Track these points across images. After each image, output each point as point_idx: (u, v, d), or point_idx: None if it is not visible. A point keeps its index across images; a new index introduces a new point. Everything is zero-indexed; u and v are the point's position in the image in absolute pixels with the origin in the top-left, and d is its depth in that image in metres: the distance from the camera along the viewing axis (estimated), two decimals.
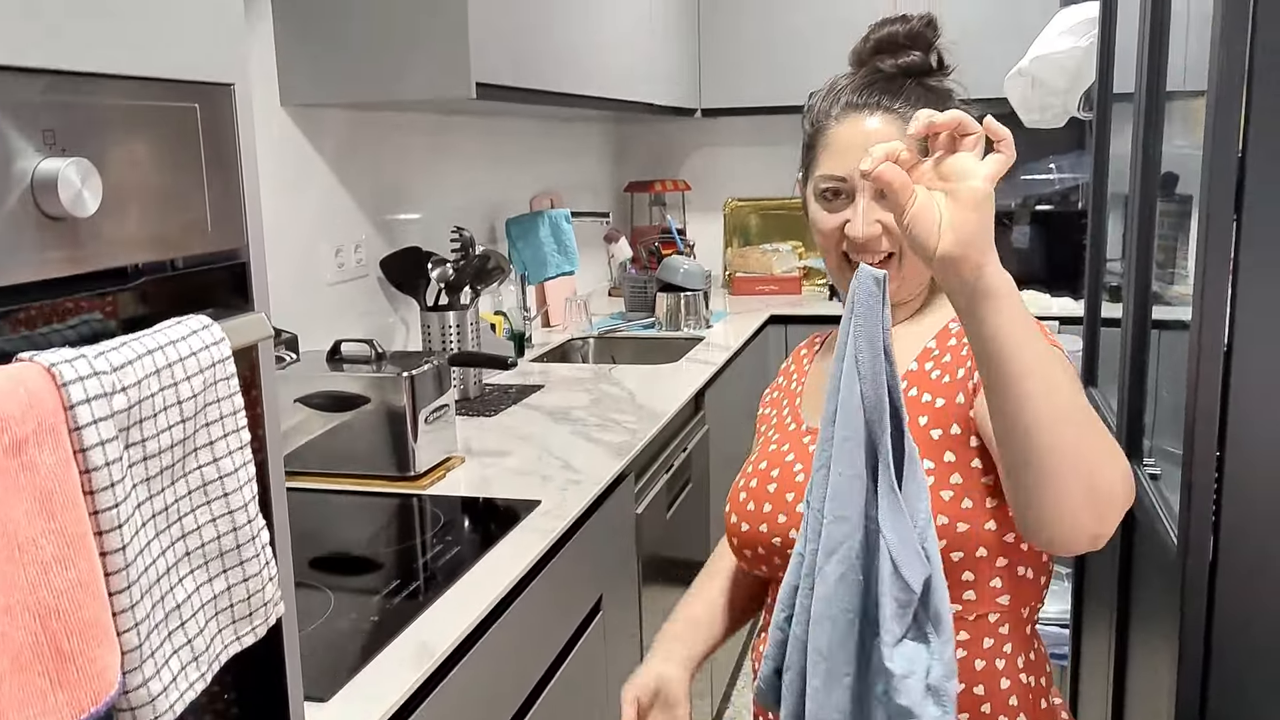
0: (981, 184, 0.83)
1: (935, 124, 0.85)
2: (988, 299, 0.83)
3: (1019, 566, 1.07)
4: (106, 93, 0.76)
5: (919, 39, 1.17)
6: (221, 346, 0.79)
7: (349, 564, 1.54)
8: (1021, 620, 1.10)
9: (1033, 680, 1.11)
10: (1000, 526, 1.05)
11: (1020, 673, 1.09)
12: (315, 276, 2.25)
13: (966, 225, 0.83)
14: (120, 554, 0.68)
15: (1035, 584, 1.10)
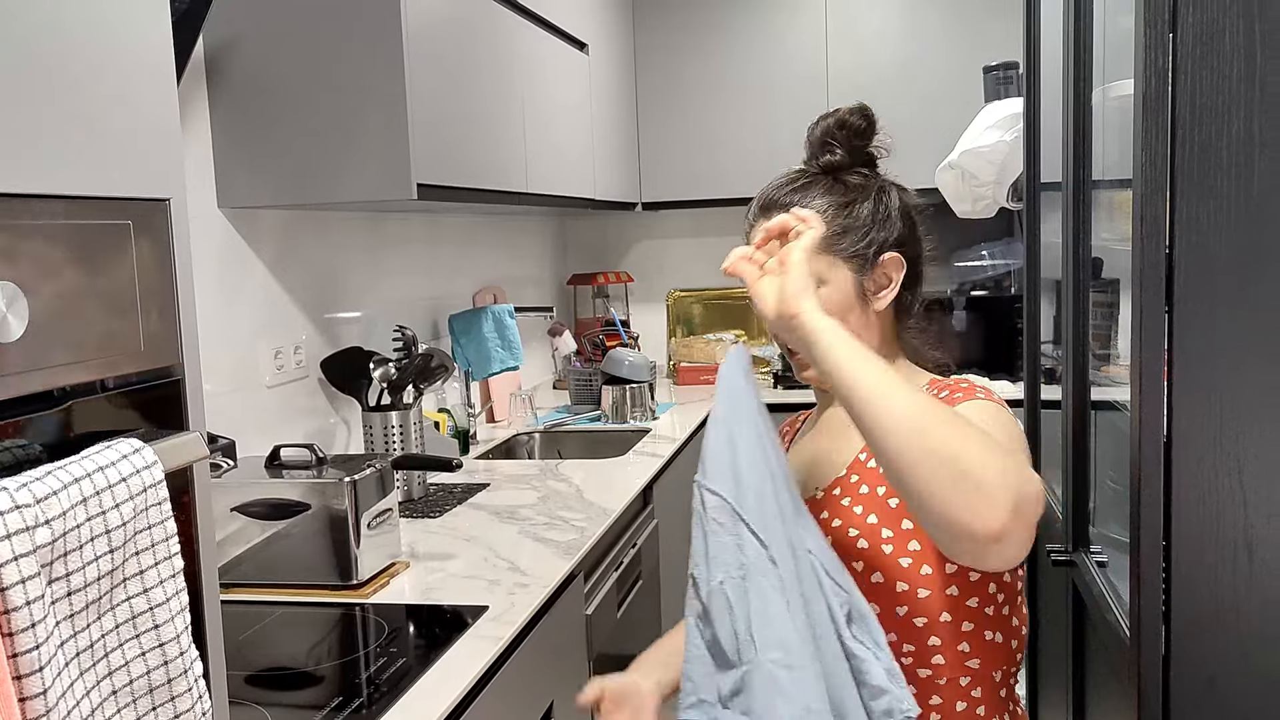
0: (788, 255, 1.04)
1: (769, 230, 1.10)
2: (816, 341, 1.00)
3: (985, 631, 1.11)
4: (34, 213, 0.74)
5: (846, 129, 1.25)
6: (153, 470, 0.76)
7: (288, 680, 1.48)
8: (994, 684, 1.12)
9: None
10: (962, 592, 1.09)
11: None
12: (254, 379, 2.21)
13: (783, 290, 1.03)
14: (41, 699, 0.64)
15: (1005, 647, 1.13)
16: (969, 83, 3.47)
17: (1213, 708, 1.16)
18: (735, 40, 3.75)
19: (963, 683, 1.10)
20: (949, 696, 1.10)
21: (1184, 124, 1.06)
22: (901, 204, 1.25)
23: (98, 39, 0.81)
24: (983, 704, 1.11)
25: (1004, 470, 0.88)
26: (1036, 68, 2.25)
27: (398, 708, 1.35)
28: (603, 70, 3.47)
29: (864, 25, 3.66)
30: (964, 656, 1.10)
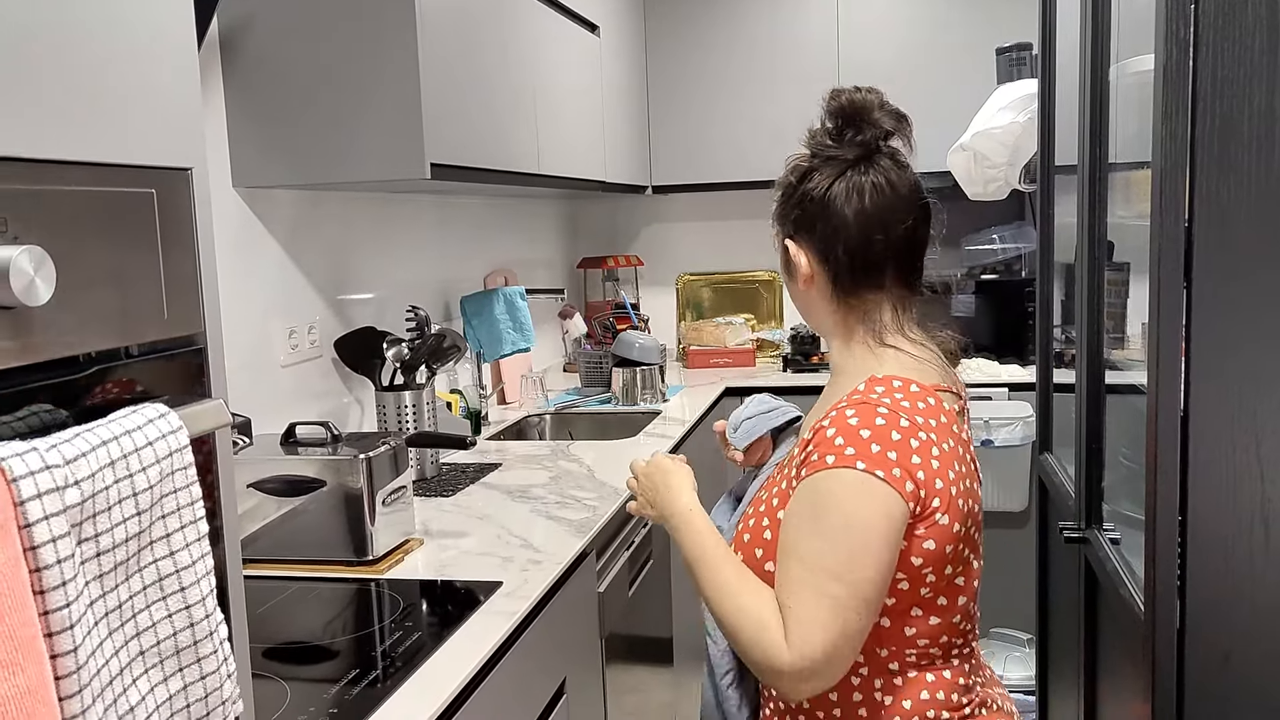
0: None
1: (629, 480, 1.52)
2: (674, 537, 1.34)
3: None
4: (61, 179, 0.75)
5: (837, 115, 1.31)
6: (179, 435, 0.76)
7: (305, 653, 1.49)
8: (890, 664, 1.22)
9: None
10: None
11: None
12: (269, 358, 2.22)
13: (652, 502, 1.44)
14: (71, 656, 0.65)
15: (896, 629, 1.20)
16: (981, 64, 3.46)
17: (1228, 683, 1.17)
18: (746, 22, 3.74)
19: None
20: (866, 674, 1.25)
21: (1205, 97, 1.06)
22: (809, 190, 1.27)
23: (122, 11, 0.81)
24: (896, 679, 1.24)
25: (761, 658, 1.15)
26: (1052, 47, 2.24)
27: (412, 681, 1.36)
28: (614, 53, 3.46)
29: (876, 6, 3.64)
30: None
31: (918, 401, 1.18)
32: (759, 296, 4.23)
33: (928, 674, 1.21)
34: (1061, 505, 2.01)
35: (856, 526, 1.11)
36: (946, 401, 1.22)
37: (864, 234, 1.25)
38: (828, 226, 1.25)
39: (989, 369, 3.48)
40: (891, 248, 1.27)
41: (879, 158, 1.27)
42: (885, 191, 1.25)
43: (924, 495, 1.14)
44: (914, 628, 1.20)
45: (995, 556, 3.43)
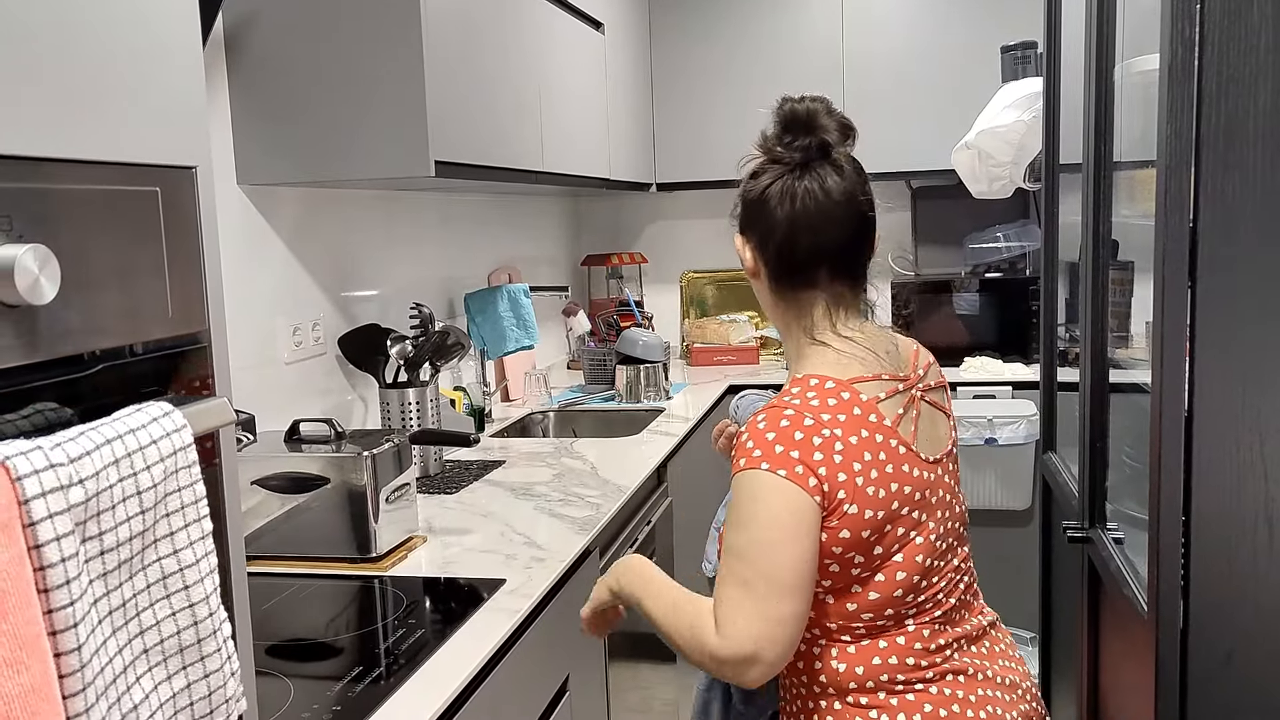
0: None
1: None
2: (630, 593, 1.41)
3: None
4: (65, 177, 0.75)
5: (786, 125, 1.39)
6: (183, 434, 0.77)
7: (308, 650, 1.50)
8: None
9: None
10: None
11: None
12: (272, 355, 2.22)
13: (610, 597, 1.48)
14: (75, 654, 0.65)
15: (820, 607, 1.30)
16: (986, 63, 3.46)
17: (1230, 683, 1.17)
18: (751, 20, 3.74)
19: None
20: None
21: (1210, 95, 1.06)
22: (750, 189, 1.37)
23: (126, 9, 0.81)
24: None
25: (699, 651, 1.24)
26: (1057, 46, 2.23)
27: (416, 679, 1.36)
28: (618, 50, 3.46)
29: (880, 4, 3.63)
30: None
31: (828, 398, 1.27)
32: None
33: (880, 640, 1.29)
34: (1065, 504, 2.01)
35: (764, 521, 1.21)
36: (867, 391, 1.29)
37: (793, 235, 1.33)
38: (764, 225, 1.35)
39: (993, 367, 3.47)
40: (822, 250, 1.34)
41: (819, 164, 1.34)
42: (818, 196, 1.32)
43: (828, 489, 1.23)
44: (854, 603, 1.28)
45: (999, 554, 3.44)
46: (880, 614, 1.28)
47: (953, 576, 1.35)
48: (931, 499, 1.32)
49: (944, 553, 1.33)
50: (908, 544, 1.29)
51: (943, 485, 1.34)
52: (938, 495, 1.33)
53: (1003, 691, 1.34)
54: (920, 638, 1.30)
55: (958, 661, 1.33)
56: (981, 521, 3.47)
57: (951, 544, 1.35)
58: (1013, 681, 1.37)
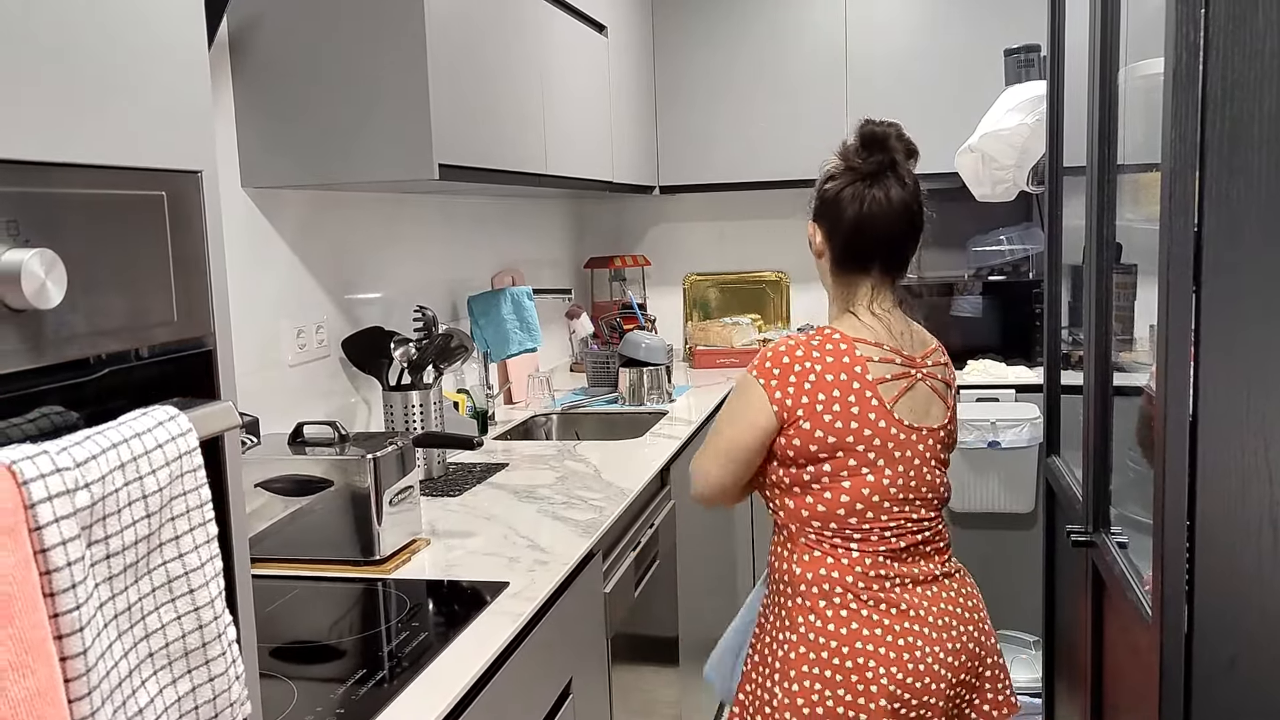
0: None
1: None
2: None
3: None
4: (72, 182, 0.75)
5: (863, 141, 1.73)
6: (188, 438, 0.77)
7: (312, 653, 1.50)
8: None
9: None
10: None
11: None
12: (276, 358, 2.23)
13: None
14: (81, 659, 0.65)
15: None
16: (989, 66, 3.46)
17: (1235, 688, 1.16)
18: (754, 24, 3.74)
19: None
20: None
21: (1215, 100, 1.06)
22: (828, 189, 1.70)
23: (131, 13, 0.81)
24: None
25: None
26: (1060, 49, 2.23)
27: (419, 681, 1.36)
28: (621, 53, 3.46)
29: (884, 7, 3.63)
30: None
31: (825, 344, 1.64)
32: (766, 297, 4.23)
33: (829, 556, 1.64)
34: (1069, 508, 2.01)
35: (735, 405, 1.68)
36: (864, 351, 1.64)
37: (858, 230, 1.67)
38: (835, 218, 1.69)
39: (996, 370, 3.47)
40: (878, 246, 1.68)
41: (885, 176, 1.66)
42: (881, 203, 1.65)
43: (790, 405, 1.62)
44: (806, 509, 1.65)
45: (1002, 558, 3.44)
46: (826, 526, 1.64)
47: (908, 525, 1.65)
48: (895, 453, 1.63)
49: (900, 501, 1.64)
50: (857, 475, 1.62)
51: (915, 450, 1.65)
52: (904, 454, 1.64)
53: (933, 630, 1.62)
54: (862, 564, 1.63)
55: (895, 596, 1.62)
56: (984, 525, 3.47)
57: (912, 500, 1.65)
58: (945, 623, 1.64)
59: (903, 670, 1.59)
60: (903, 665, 1.59)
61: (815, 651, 1.62)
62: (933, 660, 1.60)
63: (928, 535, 1.66)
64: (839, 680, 1.60)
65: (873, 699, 1.58)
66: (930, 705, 1.61)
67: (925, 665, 1.60)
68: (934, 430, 1.67)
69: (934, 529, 1.68)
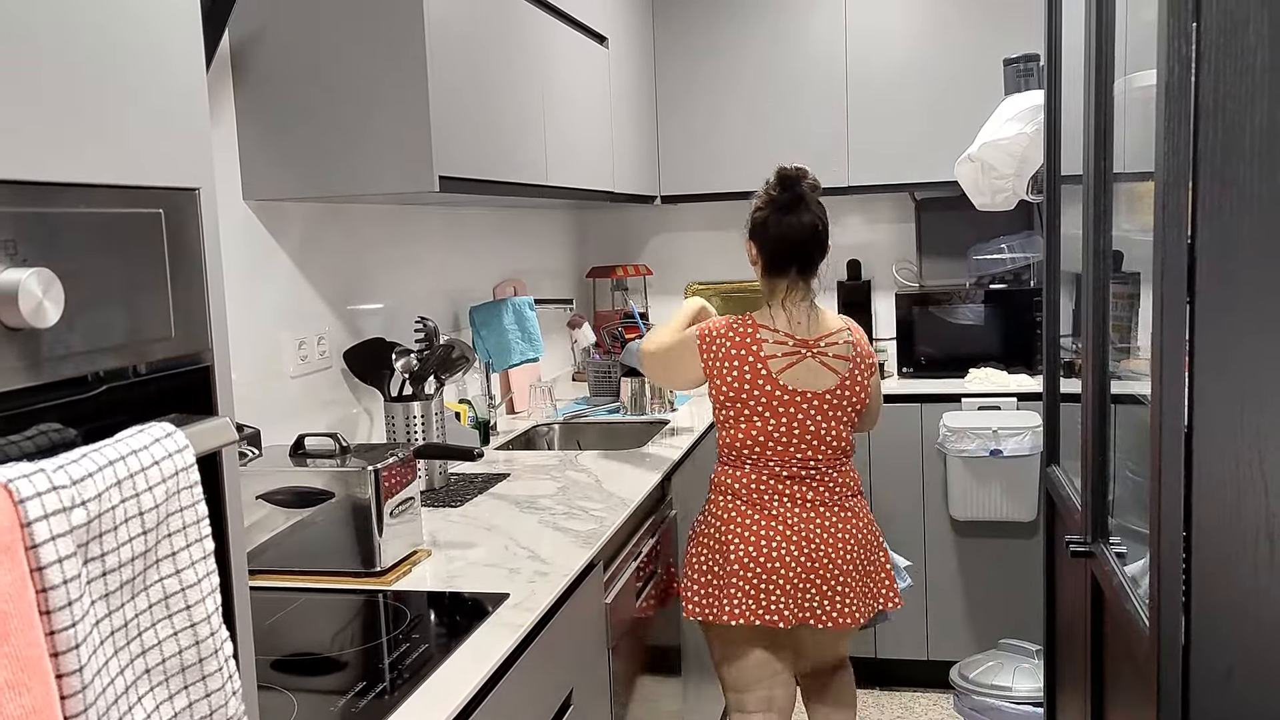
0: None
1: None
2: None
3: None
4: (69, 201, 0.76)
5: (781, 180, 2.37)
6: (185, 454, 0.77)
7: (312, 665, 1.50)
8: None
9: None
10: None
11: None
12: (278, 369, 2.23)
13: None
14: (77, 676, 0.65)
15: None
16: (989, 75, 3.46)
17: (1232, 699, 1.16)
18: (754, 34, 3.75)
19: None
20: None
21: (1207, 113, 1.06)
22: (757, 215, 2.32)
23: (130, 32, 0.82)
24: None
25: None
26: (1057, 59, 2.24)
27: (420, 693, 1.36)
28: (622, 64, 3.47)
29: (883, 18, 3.64)
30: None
31: (740, 327, 2.29)
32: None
33: (736, 470, 2.29)
34: (1068, 518, 2.01)
35: (678, 342, 2.38)
36: (762, 334, 2.27)
37: (777, 246, 2.29)
38: (762, 238, 2.30)
39: (997, 378, 3.47)
40: (793, 256, 2.28)
41: (796, 206, 2.26)
42: (793, 226, 2.26)
43: (706, 361, 2.30)
44: (726, 438, 2.31)
45: (1005, 567, 3.43)
46: (734, 450, 2.29)
47: (792, 461, 2.25)
48: (778, 408, 2.24)
49: (784, 443, 2.25)
50: (751, 421, 2.26)
51: (798, 407, 2.24)
52: (786, 410, 2.24)
53: (790, 532, 2.23)
54: (751, 479, 2.27)
55: (767, 502, 2.26)
56: (986, 533, 3.47)
57: (796, 443, 2.25)
58: (803, 532, 2.23)
59: (756, 550, 2.22)
60: (757, 546, 2.22)
61: (706, 529, 2.32)
62: (783, 552, 2.21)
63: (811, 471, 2.26)
64: (714, 548, 2.28)
65: (730, 565, 2.23)
66: (777, 585, 2.21)
67: (776, 553, 2.21)
68: (819, 394, 2.26)
69: (818, 468, 2.27)
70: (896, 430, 3.46)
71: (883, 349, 3.77)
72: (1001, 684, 3.10)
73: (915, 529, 3.51)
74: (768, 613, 2.21)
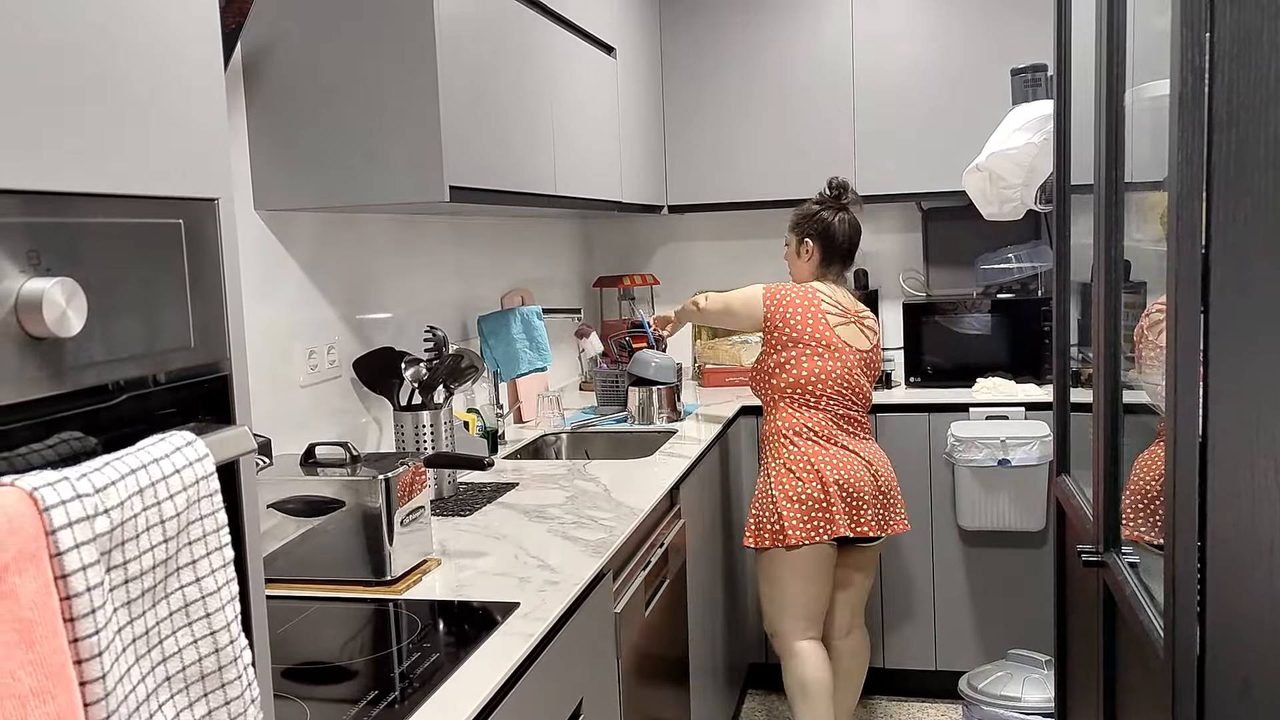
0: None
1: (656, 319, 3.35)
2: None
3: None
4: (91, 211, 0.76)
5: (830, 186, 2.96)
6: (205, 463, 0.78)
7: (323, 674, 1.50)
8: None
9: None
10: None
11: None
12: (288, 378, 2.24)
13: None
14: (100, 683, 0.66)
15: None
16: (997, 85, 3.47)
17: (1248, 711, 1.16)
18: (761, 44, 3.76)
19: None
20: None
21: (1221, 123, 1.06)
22: (814, 212, 2.89)
23: (149, 45, 0.83)
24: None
25: (688, 313, 3.10)
26: (1067, 69, 2.24)
27: (431, 703, 1.36)
28: (630, 74, 3.49)
29: (890, 28, 3.65)
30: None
31: (796, 286, 2.84)
32: None
33: (798, 412, 2.78)
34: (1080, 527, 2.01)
35: (741, 291, 2.90)
36: (820, 295, 2.81)
37: (832, 242, 2.87)
38: (826, 235, 2.86)
39: (1005, 388, 3.47)
40: (842, 253, 2.88)
41: (846, 210, 2.87)
42: (847, 224, 2.86)
43: (769, 307, 2.80)
44: (788, 378, 2.78)
45: (1013, 576, 3.42)
46: (799, 388, 2.77)
47: (844, 407, 2.77)
48: (835, 355, 2.76)
49: (839, 389, 2.76)
50: (813, 360, 2.75)
51: (848, 361, 2.77)
52: (842, 359, 2.76)
53: (858, 459, 2.77)
54: (819, 420, 2.76)
55: (840, 441, 2.77)
56: (996, 543, 3.46)
57: (848, 394, 2.77)
58: (866, 459, 2.78)
59: (844, 474, 2.72)
60: (844, 471, 2.72)
61: (794, 464, 2.74)
62: (862, 472, 2.74)
63: (855, 415, 2.80)
64: (809, 479, 2.72)
65: (828, 489, 2.71)
66: (862, 498, 2.73)
67: (856, 474, 2.73)
68: (862, 352, 2.81)
69: (858, 417, 2.82)
70: (905, 440, 3.46)
71: (890, 358, 3.77)
72: (1011, 694, 3.09)
73: (924, 538, 3.50)
74: (860, 525, 2.74)
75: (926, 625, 3.54)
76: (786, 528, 2.71)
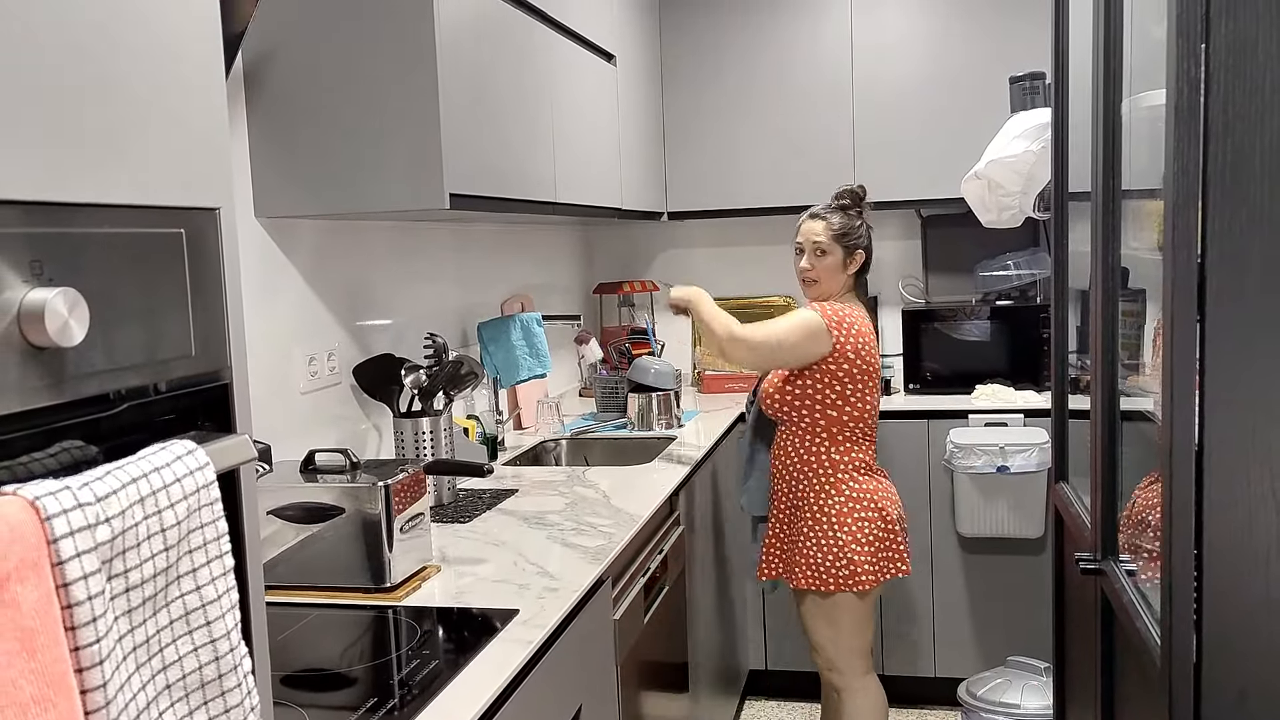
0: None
1: (671, 298, 2.81)
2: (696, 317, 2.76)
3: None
4: (93, 222, 0.77)
5: (852, 195, 2.75)
6: (205, 472, 0.78)
7: (323, 681, 1.50)
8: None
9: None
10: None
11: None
12: (288, 385, 2.24)
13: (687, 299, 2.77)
14: (100, 691, 0.66)
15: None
16: (995, 93, 3.48)
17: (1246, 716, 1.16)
18: (761, 51, 3.77)
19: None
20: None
21: (1216, 134, 1.07)
22: (866, 231, 2.72)
23: (151, 55, 0.83)
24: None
25: (723, 336, 2.63)
26: (1065, 77, 2.25)
27: (430, 710, 1.37)
28: (630, 81, 3.49)
29: (890, 35, 3.66)
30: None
31: (858, 313, 2.65)
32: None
33: (853, 448, 2.65)
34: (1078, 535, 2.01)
35: (798, 324, 2.60)
36: (869, 323, 2.67)
37: (871, 254, 2.75)
38: (869, 248, 2.73)
39: (1004, 395, 3.47)
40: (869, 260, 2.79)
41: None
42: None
43: (837, 337, 2.57)
44: (853, 412, 2.62)
45: (1011, 584, 3.43)
46: (859, 424, 2.63)
47: (874, 431, 2.69)
48: (879, 382, 2.68)
49: (875, 418, 2.68)
50: (873, 391, 2.64)
51: (878, 385, 2.71)
52: (875, 383, 2.65)
53: (896, 495, 2.71)
54: (869, 454, 2.67)
55: (882, 475, 2.69)
56: (993, 550, 3.46)
57: (877, 416, 2.69)
58: (893, 487, 2.74)
59: (896, 510, 2.66)
60: (896, 506, 2.67)
61: (860, 504, 2.61)
62: (901, 510, 2.70)
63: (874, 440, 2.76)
64: (875, 518, 2.61)
65: (890, 527, 2.63)
66: (906, 536, 2.70)
67: (901, 505, 2.71)
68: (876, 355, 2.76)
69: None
70: (903, 447, 3.46)
71: (889, 365, 3.77)
72: (1010, 701, 3.09)
73: (923, 545, 3.50)
74: (903, 562, 2.68)
75: (925, 632, 3.54)
76: (859, 572, 2.58)
